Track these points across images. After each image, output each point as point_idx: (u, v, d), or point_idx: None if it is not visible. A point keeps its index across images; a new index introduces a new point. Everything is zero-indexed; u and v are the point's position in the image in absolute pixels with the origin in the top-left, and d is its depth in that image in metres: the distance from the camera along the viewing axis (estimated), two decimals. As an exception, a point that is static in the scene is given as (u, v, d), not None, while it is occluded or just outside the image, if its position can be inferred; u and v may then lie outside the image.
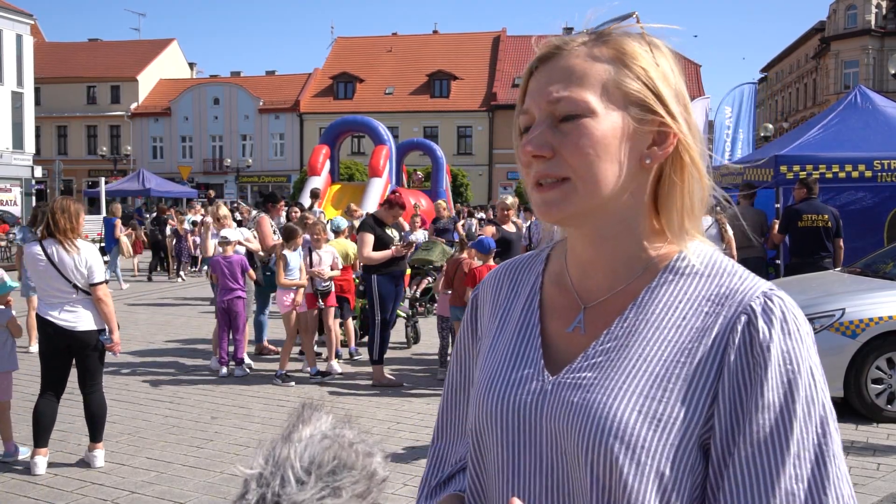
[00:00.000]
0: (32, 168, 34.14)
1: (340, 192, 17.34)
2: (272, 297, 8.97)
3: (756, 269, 1.07)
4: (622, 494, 0.93)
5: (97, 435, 5.23)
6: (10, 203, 31.76)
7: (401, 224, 11.12)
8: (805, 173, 8.93)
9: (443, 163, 19.65)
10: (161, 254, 18.56)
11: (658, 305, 1.00)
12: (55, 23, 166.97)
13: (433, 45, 52.30)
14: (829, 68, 49.08)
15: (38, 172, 35.09)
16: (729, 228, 7.52)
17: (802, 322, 0.96)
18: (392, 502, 4.52)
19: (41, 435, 5.09)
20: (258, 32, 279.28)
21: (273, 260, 8.06)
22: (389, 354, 8.05)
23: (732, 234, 7.86)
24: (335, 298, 8.09)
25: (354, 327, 9.09)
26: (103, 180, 25.58)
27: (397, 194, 7.80)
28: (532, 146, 0.97)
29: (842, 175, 9.08)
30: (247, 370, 8.04)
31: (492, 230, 8.27)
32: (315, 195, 14.45)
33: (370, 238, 7.36)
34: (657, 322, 0.99)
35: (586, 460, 0.95)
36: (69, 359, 5.19)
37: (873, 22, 47.29)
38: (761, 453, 0.91)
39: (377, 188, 16.45)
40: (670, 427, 0.93)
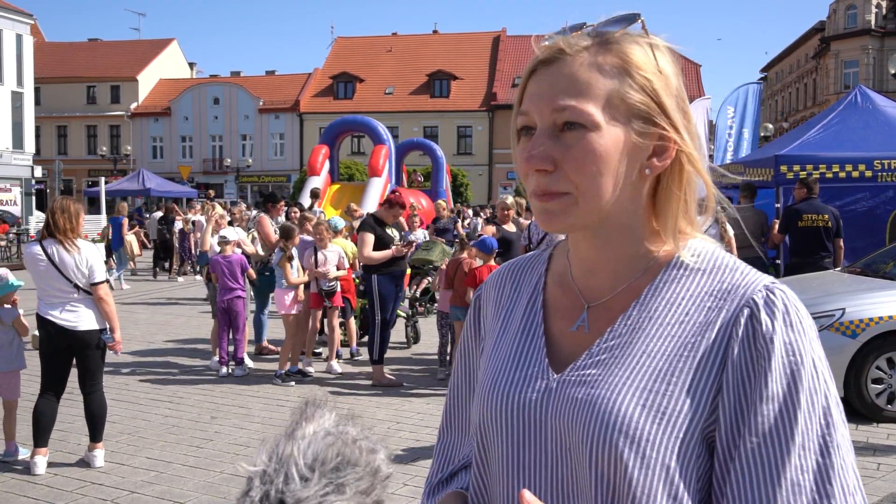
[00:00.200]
0: (32, 168, 34.11)
1: (340, 192, 17.34)
2: (271, 297, 8.96)
3: (756, 269, 1.07)
4: (627, 490, 0.93)
5: (97, 435, 5.23)
6: (10, 203, 31.76)
7: (401, 224, 11.12)
8: (805, 173, 8.93)
9: (443, 163, 19.66)
10: (161, 253, 18.53)
11: (661, 302, 1.01)
12: (55, 23, 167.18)
13: (433, 45, 52.30)
14: (829, 68, 49.09)
15: (38, 172, 35.07)
16: (729, 228, 7.52)
17: (804, 314, 0.96)
18: (392, 502, 4.52)
19: (41, 435, 5.09)
20: (258, 32, 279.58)
21: (275, 259, 8.04)
22: (389, 354, 8.05)
23: (733, 234, 7.85)
24: (340, 298, 8.10)
25: (355, 327, 9.09)
26: (103, 180, 25.61)
27: (397, 194, 7.80)
28: (534, 161, 0.97)
29: (842, 175, 9.08)
30: (247, 370, 8.04)
31: (492, 230, 8.26)
32: (315, 195, 14.46)
33: (370, 238, 7.36)
34: (660, 318, 1.00)
35: (591, 456, 0.95)
36: (69, 358, 5.19)
37: (873, 22, 47.31)
38: (766, 445, 0.92)
39: (377, 188, 16.46)
40: (675, 420, 0.94)
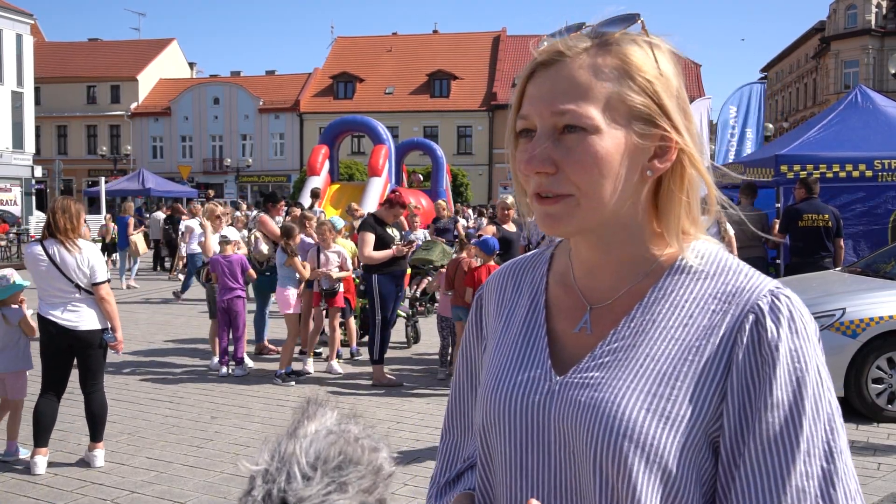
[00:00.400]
0: (32, 168, 34.12)
1: (340, 192, 17.34)
2: (272, 297, 8.96)
3: (757, 269, 1.06)
4: (630, 493, 0.93)
5: (97, 434, 5.23)
6: (10, 203, 31.77)
7: (401, 223, 11.11)
8: (805, 173, 8.92)
9: (443, 163, 19.66)
10: (166, 253, 18.58)
11: (665, 305, 1.00)
12: (55, 23, 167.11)
13: (433, 45, 52.29)
14: (829, 68, 49.09)
15: (38, 172, 35.08)
16: (729, 228, 7.50)
17: (809, 320, 0.96)
18: (394, 502, 4.51)
19: (41, 434, 5.09)
20: (258, 32, 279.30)
21: (279, 259, 8.04)
22: (389, 354, 8.05)
23: (733, 234, 7.84)
24: (342, 299, 8.09)
25: (355, 327, 9.08)
26: (103, 180, 25.62)
27: (397, 194, 7.79)
28: (534, 163, 0.96)
29: (842, 175, 9.07)
30: (247, 370, 8.04)
31: (492, 230, 8.26)
32: (315, 195, 14.47)
33: (371, 237, 7.36)
34: (664, 321, 0.99)
35: (595, 459, 0.95)
36: (70, 358, 5.19)
37: (873, 22, 47.31)
38: (772, 451, 0.92)
39: (377, 188, 16.46)
40: (678, 425, 0.93)
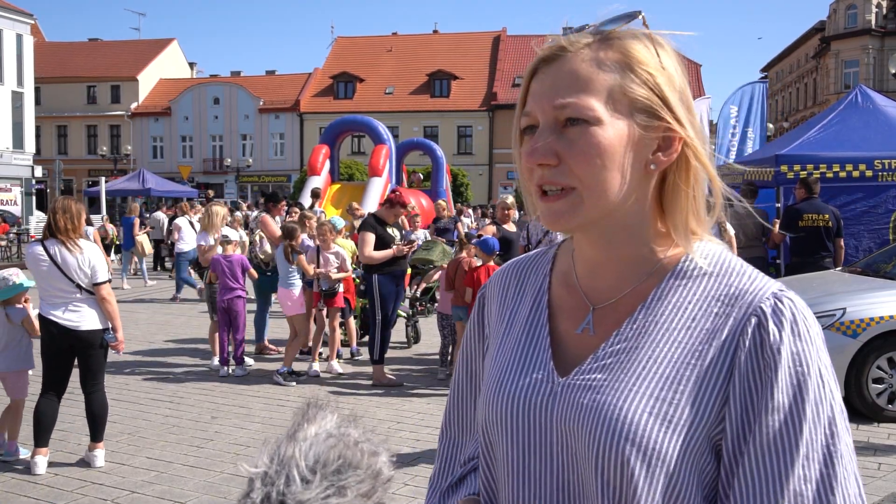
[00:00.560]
0: (32, 168, 34.14)
1: (340, 192, 17.34)
2: (273, 297, 8.95)
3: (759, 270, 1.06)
4: (632, 496, 0.93)
5: (98, 434, 5.23)
6: (11, 203, 31.77)
7: (402, 223, 11.11)
8: (805, 173, 8.92)
9: (443, 162, 19.65)
10: (162, 253, 18.56)
11: (667, 307, 1.00)
12: (55, 23, 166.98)
13: (433, 45, 52.27)
14: (830, 68, 49.07)
15: (39, 172, 35.10)
16: (729, 228, 7.49)
17: (812, 323, 0.96)
18: (392, 502, 4.51)
19: (42, 434, 5.09)
20: (258, 32, 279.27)
21: (278, 257, 8.04)
22: (390, 354, 8.04)
23: (733, 234, 7.84)
24: (341, 299, 8.09)
25: (355, 327, 9.08)
26: (103, 180, 25.58)
27: (398, 193, 7.79)
28: (537, 155, 0.96)
29: (842, 175, 9.07)
30: (247, 370, 8.04)
31: (492, 230, 8.26)
32: (316, 195, 14.46)
33: (371, 237, 7.35)
34: (667, 323, 0.99)
35: (597, 462, 0.95)
36: (71, 358, 5.19)
37: (873, 22, 47.29)
38: (771, 454, 0.91)
39: (377, 188, 16.45)
40: (681, 428, 0.93)
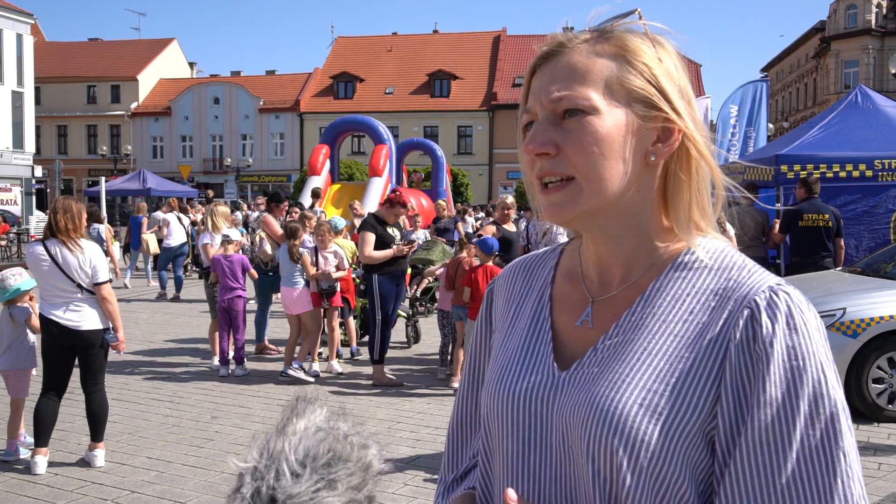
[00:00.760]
0: (32, 168, 34.11)
1: (340, 192, 17.35)
2: (274, 298, 8.96)
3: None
4: (623, 488, 0.92)
5: (98, 434, 5.23)
6: (11, 203, 31.77)
7: (402, 223, 11.11)
8: (805, 173, 8.91)
9: (443, 162, 19.67)
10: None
11: (666, 299, 0.99)
12: (55, 23, 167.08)
13: (433, 45, 52.29)
14: (830, 68, 49.07)
15: (39, 172, 35.07)
16: (730, 227, 7.49)
17: (811, 317, 0.94)
18: (392, 502, 4.51)
19: (42, 434, 5.08)
20: (258, 32, 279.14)
21: (280, 257, 8.04)
22: (390, 354, 8.04)
23: (734, 234, 7.83)
24: (339, 298, 8.09)
25: (355, 326, 9.08)
26: (103, 180, 25.54)
27: (398, 193, 7.78)
28: (535, 144, 0.96)
29: (842, 175, 9.06)
30: (247, 370, 8.04)
31: (492, 230, 8.26)
32: (316, 195, 14.46)
33: (371, 237, 7.35)
34: (664, 316, 0.98)
35: (589, 454, 0.95)
36: (72, 358, 5.19)
37: (873, 22, 47.28)
38: (762, 449, 0.90)
39: (377, 188, 16.47)
40: (672, 421, 0.92)
